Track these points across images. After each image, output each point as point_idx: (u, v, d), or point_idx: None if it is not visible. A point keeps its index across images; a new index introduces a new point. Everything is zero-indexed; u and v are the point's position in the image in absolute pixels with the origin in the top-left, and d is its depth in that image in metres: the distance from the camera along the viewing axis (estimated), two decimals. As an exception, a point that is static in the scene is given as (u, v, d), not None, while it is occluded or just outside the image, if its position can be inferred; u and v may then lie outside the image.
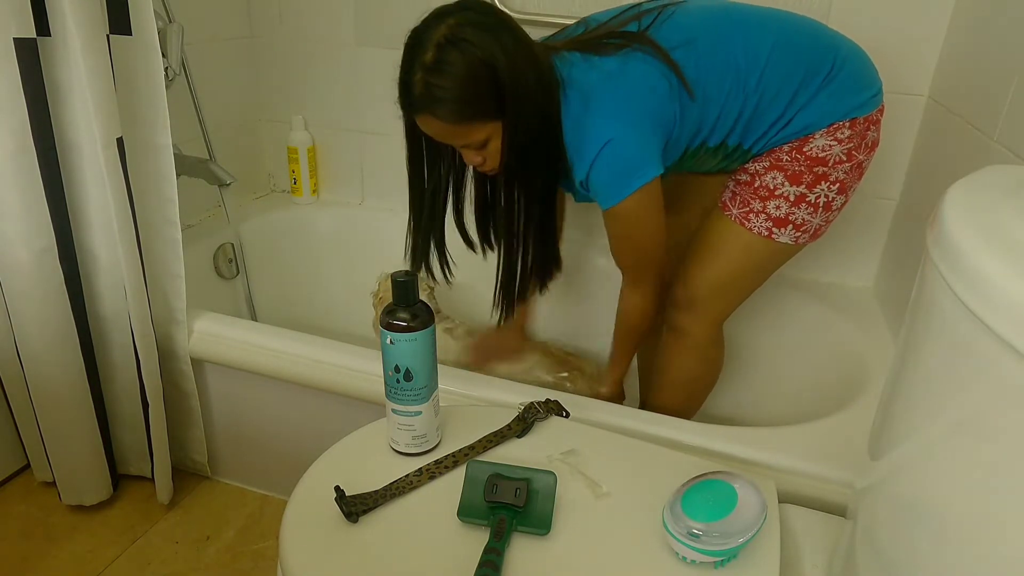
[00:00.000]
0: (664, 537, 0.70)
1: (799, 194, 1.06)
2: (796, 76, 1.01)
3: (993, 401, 0.42)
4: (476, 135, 0.96)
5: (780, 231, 1.09)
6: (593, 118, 0.97)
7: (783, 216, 1.07)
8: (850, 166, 1.06)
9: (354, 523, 0.73)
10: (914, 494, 0.51)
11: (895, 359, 0.57)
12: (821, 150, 1.04)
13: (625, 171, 0.99)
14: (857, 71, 1.05)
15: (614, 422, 1.02)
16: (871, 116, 1.05)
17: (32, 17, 0.99)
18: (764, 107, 1.02)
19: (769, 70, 1.00)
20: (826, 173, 1.05)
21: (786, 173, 1.06)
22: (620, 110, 0.97)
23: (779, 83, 1.01)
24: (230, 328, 1.25)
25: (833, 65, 1.02)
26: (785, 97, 1.02)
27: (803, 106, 1.02)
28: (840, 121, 1.03)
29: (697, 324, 1.18)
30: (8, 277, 1.11)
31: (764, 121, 1.04)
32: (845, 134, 1.03)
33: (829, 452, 0.97)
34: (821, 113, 1.02)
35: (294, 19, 1.70)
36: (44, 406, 1.20)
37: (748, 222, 1.09)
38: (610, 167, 0.98)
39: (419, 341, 0.77)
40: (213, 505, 1.37)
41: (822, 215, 1.08)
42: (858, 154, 1.06)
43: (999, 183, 0.52)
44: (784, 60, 1.01)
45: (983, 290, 0.41)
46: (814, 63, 1.02)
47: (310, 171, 1.81)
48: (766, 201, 1.07)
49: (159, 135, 1.15)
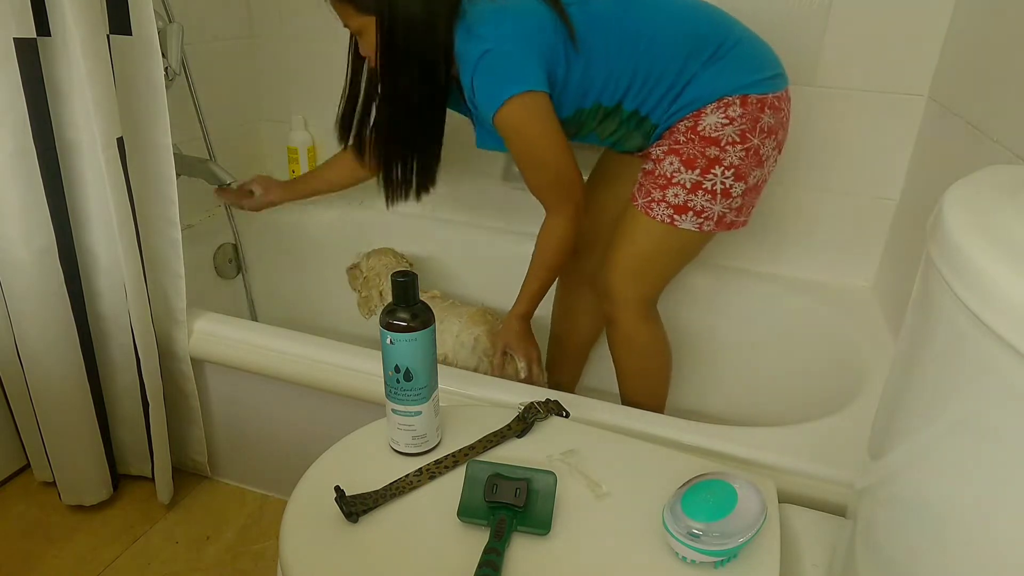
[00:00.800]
0: (664, 537, 0.70)
1: (694, 181, 1.10)
2: (685, 49, 1.07)
3: (993, 401, 0.42)
4: (350, 21, 1.09)
5: (681, 218, 1.13)
6: (475, 34, 1.04)
7: (681, 203, 1.12)
8: (743, 150, 1.09)
9: (354, 523, 0.73)
10: (914, 494, 0.51)
11: (895, 359, 0.57)
12: (714, 128, 1.08)
13: (502, 77, 1.04)
14: (749, 54, 1.11)
15: (614, 422, 1.02)
16: (765, 98, 1.09)
17: (32, 17, 0.99)
18: (656, 75, 1.08)
19: (659, 41, 1.07)
20: (719, 157, 1.09)
21: (682, 158, 1.10)
22: (502, 26, 1.04)
23: (668, 53, 1.07)
24: (230, 328, 1.25)
25: (722, 44, 1.08)
26: (675, 67, 1.08)
27: (692, 77, 1.08)
28: (729, 96, 1.07)
29: (619, 311, 1.22)
30: (8, 277, 1.11)
31: (658, 89, 1.09)
32: (736, 111, 1.07)
33: (829, 452, 0.97)
34: (710, 86, 1.08)
35: (294, 19, 1.70)
36: (44, 406, 1.20)
37: (651, 211, 1.14)
38: (486, 75, 1.04)
39: (419, 341, 0.77)
40: (213, 505, 1.37)
41: (722, 202, 1.12)
42: (752, 137, 1.08)
43: (999, 183, 0.52)
44: (675, 33, 1.08)
45: (983, 290, 0.41)
46: (705, 38, 1.08)
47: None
48: (664, 190, 1.13)
49: (159, 135, 1.15)
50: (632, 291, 1.21)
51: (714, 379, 1.53)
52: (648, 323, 1.25)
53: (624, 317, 1.22)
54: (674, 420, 1.04)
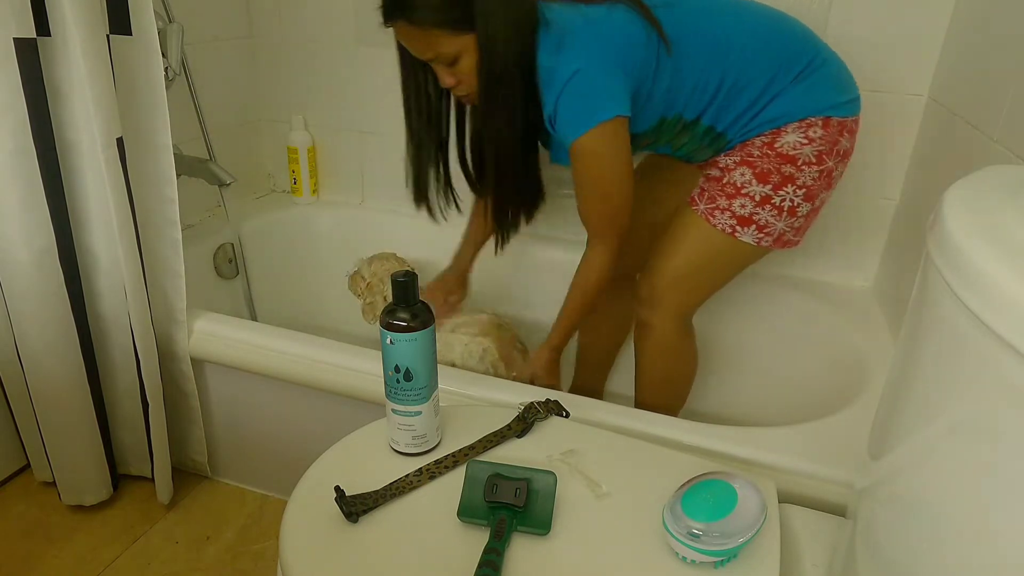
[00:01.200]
0: (664, 537, 0.70)
1: (764, 195, 1.07)
2: (775, 62, 1.03)
3: (993, 401, 0.42)
4: (445, 47, 0.98)
5: (743, 230, 1.10)
6: (565, 52, 0.98)
7: (747, 215, 1.09)
8: (819, 172, 1.06)
9: (354, 523, 0.73)
10: (914, 494, 0.51)
11: (895, 359, 0.57)
12: (792, 147, 1.05)
13: (589, 103, 0.98)
14: (836, 74, 1.08)
15: (614, 422, 1.02)
16: (846, 121, 1.06)
17: (32, 17, 0.99)
18: (740, 86, 1.04)
19: (750, 51, 1.03)
20: (793, 175, 1.05)
21: (755, 170, 1.07)
22: (591, 46, 0.98)
23: (758, 65, 1.03)
24: (230, 328, 1.25)
25: (812, 61, 1.04)
26: (762, 80, 1.03)
27: (778, 94, 1.04)
28: (813, 117, 1.04)
29: (659, 318, 1.18)
30: (8, 277, 1.11)
31: (739, 102, 1.05)
32: (818, 133, 1.04)
33: (829, 452, 0.97)
34: (796, 104, 1.04)
35: (294, 19, 1.70)
36: (44, 406, 1.20)
37: (713, 218, 1.11)
38: (574, 98, 0.98)
39: (419, 341, 0.77)
40: (213, 505, 1.37)
41: (787, 220, 1.09)
42: (828, 159, 1.06)
43: (999, 183, 0.52)
44: (766, 45, 1.04)
45: (983, 290, 0.41)
46: (795, 53, 1.04)
47: (310, 171, 1.81)
48: (732, 199, 1.09)
49: (159, 135, 1.15)
50: (675, 299, 1.16)
51: (714, 379, 1.53)
52: (684, 334, 1.21)
53: (661, 325, 1.18)
54: (674, 420, 1.04)
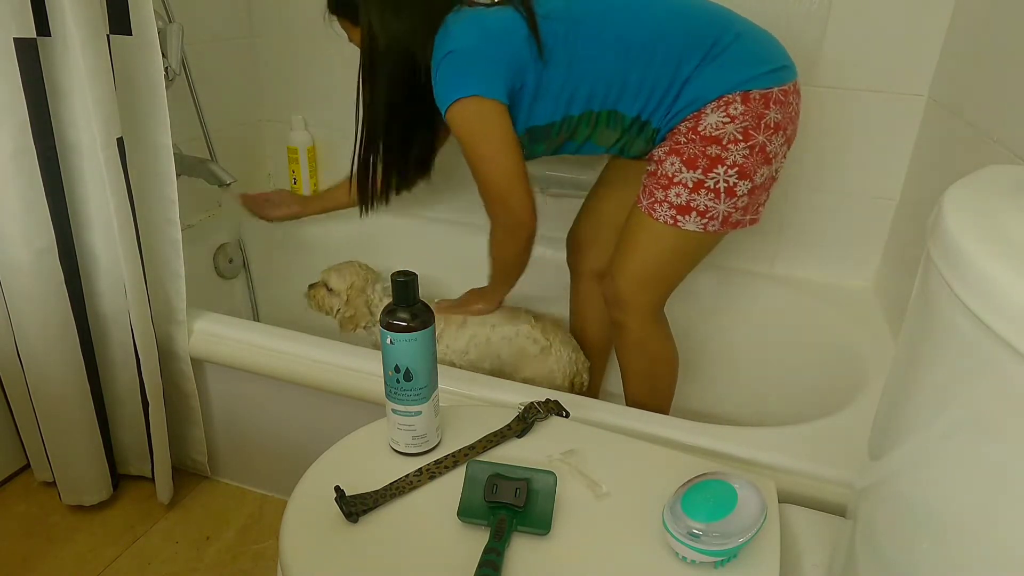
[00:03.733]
0: (664, 537, 0.70)
1: (696, 180, 1.08)
2: (677, 48, 1.05)
3: (993, 401, 0.42)
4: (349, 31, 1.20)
5: (684, 218, 1.11)
6: (447, 33, 1.08)
7: (684, 203, 1.10)
8: (747, 147, 1.06)
9: (354, 523, 0.73)
10: (914, 494, 0.51)
11: (895, 359, 0.57)
12: (714, 128, 1.05)
13: (455, 79, 1.07)
14: (751, 48, 1.08)
15: (614, 422, 1.02)
16: (769, 92, 1.05)
17: (32, 17, 0.99)
18: (651, 78, 1.07)
19: (650, 41, 1.06)
20: (720, 156, 1.06)
21: (682, 157, 1.08)
22: (466, 33, 1.08)
23: (661, 54, 1.06)
24: (230, 328, 1.25)
25: (717, 41, 1.05)
26: (668, 68, 1.06)
27: (688, 78, 1.06)
28: (729, 93, 1.05)
29: (628, 318, 1.21)
30: (8, 277, 1.11)
31: (655, 93, 1.08)
32: (738, 109, 1.04)
33: (829, 452, 0.97)
34: (708, 85, 1.05)
35: (294, 19, 1.70)
36: (44, 406, 1.20)
37: (655, 212, 1.13)
38: (444, 74, 1.08)
39: (419, 341, 0.77)
40: (213, 505, 1.37)
41: (727, 201, 1.09)
42: (756, 134, 1.05)
43: (999, 183, 0.52)
44: (666, 33, 1.06)
45: (983, 290, 0.41)
46: (698, 36, 1.06)
47: (310, 171, 1.81)
48: (667, 189, 1.10)
49: (159, 135, 1.15)
50: (641, 297, 1.19)
51: (714, 379, 1.53)
52: (657, 328, 1.24)
53: (633, 324, 1.21)
54: (674, 420, 1.04)
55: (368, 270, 1.47)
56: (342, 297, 1.42)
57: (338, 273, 1.45)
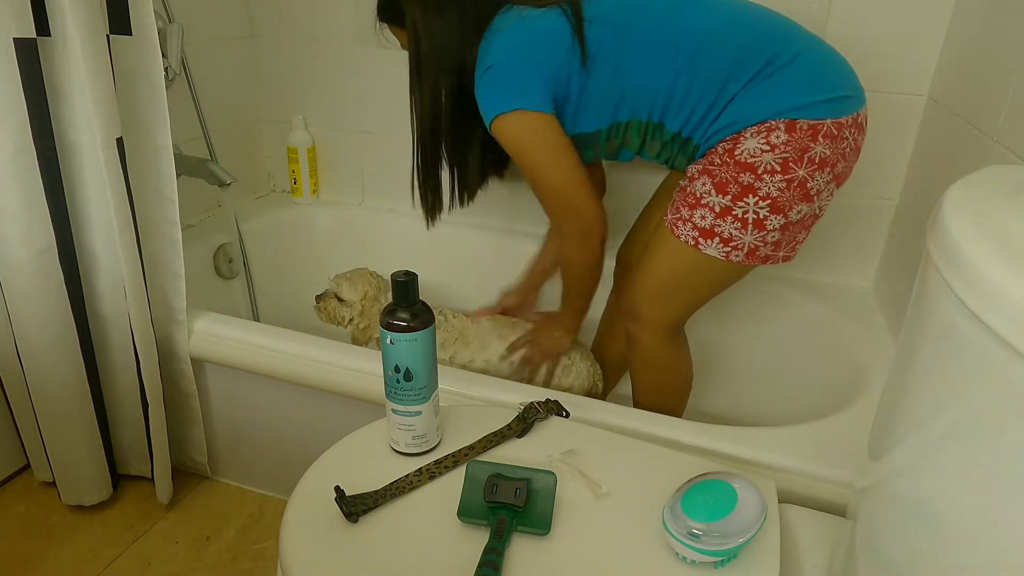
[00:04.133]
0: (664, 537, 0.70)
1: (724, 206, 1.02)
2: (728, 62, 0.98)
3: (993, 401, 0.42)
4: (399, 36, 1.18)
5: (707, 243, 1.05)
6: (489, 48, 1.06)
7: (708, 227, 1.04)
8: (784, 181, 0.98)
9: (354, 523, 0.73)
10: (914, 494, 0.51)
11: (895, 359, 0.57)
12: (751, 154, 0.98)
13: (495, 95, 1.06)
14: (809, 71, 0.99)
15: (614, 422, 1.02)
16: (820, 124, 0.96)
17: (32, 17, 0.99)
18: (694, 89, 1.01)
19: (703, 51, 0.99)
20: (753, 185, 0.99)
21: (714, 180, 1.02)
22: (510, 42, 1.05)
23: (711, 67, 0.99)
24: (230, 328, 1.25)
25: (774, 59, 0.97)
26: (716, 82, 0.99)
27: (733, 97, 0.99)
28: (772, 120, 0.97)
29: (640, 331, 1.17)
30: (8, 277, 1.11)
31: (697, 106, 1.02)
32: (780, 138, 0.96)
33: (829, 452, 0.97)
34: (752, 107, 0.98)
35: (294, 19, 1.70)
36: (44, 406, 1.20)
37: (677, 229, 1.07)
38: (484, 90, 1.06)
39: (419, 341, 0.77)
40: (213, 505, 1.37)
41: (754, 233, 1.02)
42: (796, 168, 0.97)
43: (999, 183, 0.52)
44: (719, 44, 0.99)
45: (983, 290, 0.41)
46: (753, 52, 0.98)
47: (310, 171, 1.81)
48: (693, 209, 1.05)
49: (159, 135, 1.15)
50: (655, 314, 1.14)
51: (714, 379, 1.53)
52: (670, 345, 1.19)
53: (645, 337, 1.17)
54: (674, 420, 1.04)
55: (379, 278, 1.43)
56: (356, 308, 1.38)
57: (350, 282, 1.40)
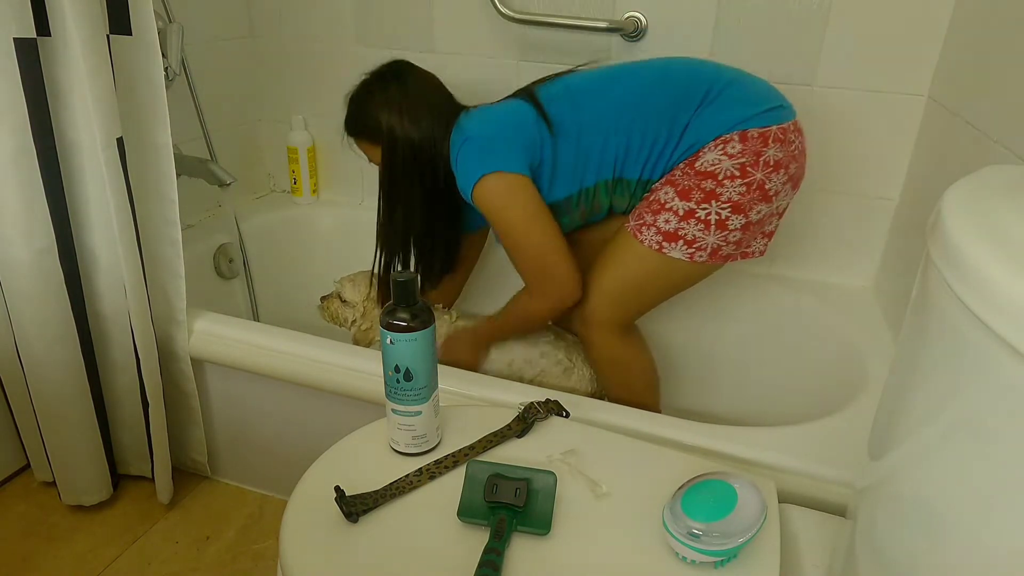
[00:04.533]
0: (664, 537, 0.70)
1: (688, 209, 1.08)
2: (671, 105, 1.09)
3: (993, 401, 0.42)
4: (368, 151, 1.24)
5: (671, 246, 1.10)
6: (462, 127, 1.14)
7: (672, 231, 1.09)
8: (744, 184, 1.05)
9: (354, 523, 0.73)
10: (914, 494, 0.51)
11: (895, 359, 0.57)
12: (710, 164, 1.06)
13: (475, 161, 1.11)
14: (743, 92, 1.10)
15: (614, 422, 1.02)
16: (768, 131, 1.05)
17: (32, 17, 0.99)
18: (650, 136, 1.10)
19: (644, 103, 1.10)
20: (714, 190, 1.06)
21: (677, 188, 1.09)
22: (483, 119, 1.15)
23: (656, 112, 1.09)
24: (230, 328, 1.25)
25: (710, 90, 1.08)
26: (665, 125, 1.09)
27: (686, 126, 1.08)
28: (726, 133, 1.06)
29: (594, 334, 1.19)
30: (8, 277, 1.11)
31: (655, 148, 1.10)
32: (735, 148, 1.05)
33: (829, 452, 0.97)
34: (706, 128, 1.07)
35: (294, 19, 1.70)
36: (44, 406, 1.20)
37: (640, 234, 1.12)
38: (464, 159, 1.12)
39: (419, 341, 0.77)
40: (213, 505, 1.37)
41: (717, 233, 1.08)
42: (753, 171, 1.05)
43: (999, 183, 0.52)
44: (659, 93, 1.10)
45: (983, 290, 0.41)
46: (688, 91, 1.09)
47: (310, 171, 1.81)
48: (657, 214, 1.10)
49: (159, 135, 1.15)
50: (608, 315, 1.18)
51: (714, 379, 1.53)
52: (622, 340, 1.21)
53: (597, 339, 1.20)
54: (674, 420, 1.04)
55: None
56: (358, 309, 1.40)
57: (352, 284, 1.42)
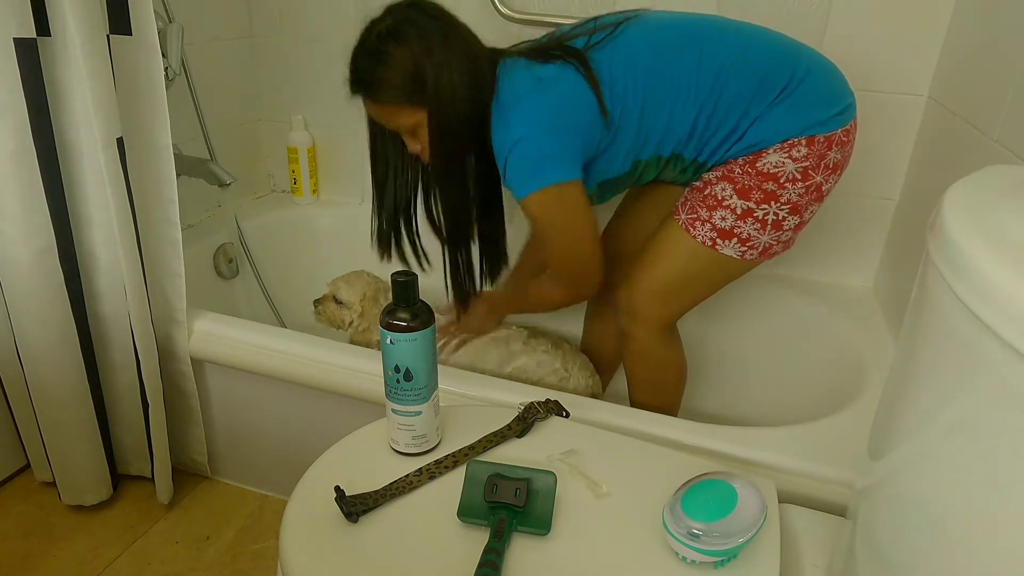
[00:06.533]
0: (664, 537, 0.70)
1: (746, 208, 1.05)
2: (748, 90, 1.01)
3: (993, 401, 0.42)
4: (403, 119, 1.04)
5: (724, 243, 1.08)
6: (512, 117, 1.01)
7: (728, 228, 1.07)
8: (804, 187, 1.04)
9: (354, 523, 0.73)
10: (914, 494, 0.51)
11: (895, 359, 0.57)
12: (773, 166, 1.03)
13: (530, 169, 1.02)
14: (819, 87, 1.04)
15: (614, 422, 1.02)
16: (833, 135, 1.03)
17: (32, 17, 0.99)
18: (717, 119, 1.03)
19: (721, 84, 1.01)
20: (775, 192, 1.04)
21: (735, 186, 1.05)
22: (538, 113, 1.01)
23: (732, 97, 1.01)
24: (230, 328, 1.25)
25: (790, 80, 1.01)
26: (738, 111, 1.02)
27: (756, 119, 1.02)
28: (795, 138, 1.02)
29: (639, 328, 1.17)
30: (8, 277, 1.11)
31: (718, 135, 1.04)
32: (801, 152, 1.02)
33: (829, 452, 0.97)
34: (775, 129, 1.02)
35: (294, 19, 1.70)
36: (44, 406, 1.20)
37: (693, 229, 1.09)
38: (517, 164, 1.02)
39: (419, 341, 0.77)
40: (213, 505, 1.37)
41: (771, 233, 1.07)
42: (815, 175, 1.03)
43: (999, 183, 0.52)
44: (738, 74, 1.01)
45: (983, 290, 0.41)
46: (769, 77, 1.01)
47: (310, 171, 1.81)
48: (713, 211, 1.07)
49: (159, 135, 1.15)
50: (655, 311, 1.15)
51: (714, 379, 1.53)
52: (666, 339, 1.20)
53: (641, 333, 1.17)
54: (674, 420, 1.04)
55: (377, 279, 1.42)
56: (355, 309, 1.38)
57: (347, 284, 1.40)
